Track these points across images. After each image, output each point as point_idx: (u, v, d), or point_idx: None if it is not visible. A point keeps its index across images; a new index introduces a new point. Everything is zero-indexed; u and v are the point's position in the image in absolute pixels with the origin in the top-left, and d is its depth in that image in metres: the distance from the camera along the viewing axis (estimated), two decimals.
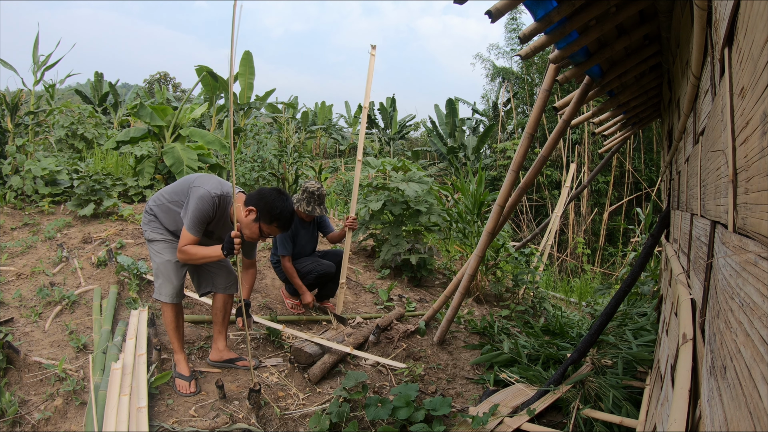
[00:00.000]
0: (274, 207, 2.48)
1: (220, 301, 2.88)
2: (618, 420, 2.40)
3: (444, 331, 3.54)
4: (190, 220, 2.46)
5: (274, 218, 2.49)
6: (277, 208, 2.48)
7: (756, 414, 0.59)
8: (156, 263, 2.65)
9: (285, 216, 2.51)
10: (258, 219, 2.50)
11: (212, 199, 2.49)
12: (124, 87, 29.67)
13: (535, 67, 13.21)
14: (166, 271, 2.63)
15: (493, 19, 1.79)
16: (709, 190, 1.35)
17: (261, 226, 2.51)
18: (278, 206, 2.48)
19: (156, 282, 2.67)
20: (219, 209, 2.55)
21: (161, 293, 2.65)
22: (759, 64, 0.70)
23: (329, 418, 2.36)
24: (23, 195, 5.20)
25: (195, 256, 2.48)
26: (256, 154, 6.98)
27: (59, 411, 2.35)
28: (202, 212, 2.46)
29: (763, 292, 0.65)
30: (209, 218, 2.52)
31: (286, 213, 2.51)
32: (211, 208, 2.49)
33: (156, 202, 2.69)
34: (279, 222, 2.50)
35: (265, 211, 2.48)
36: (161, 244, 2.66)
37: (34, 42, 8.27)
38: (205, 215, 2.48)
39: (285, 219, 2.52)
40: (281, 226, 2.53)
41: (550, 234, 6.72)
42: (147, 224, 2.69)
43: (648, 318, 3.83)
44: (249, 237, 2.56)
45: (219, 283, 2.87)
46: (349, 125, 23.10)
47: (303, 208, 3.70)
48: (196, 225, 2.47)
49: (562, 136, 3.37)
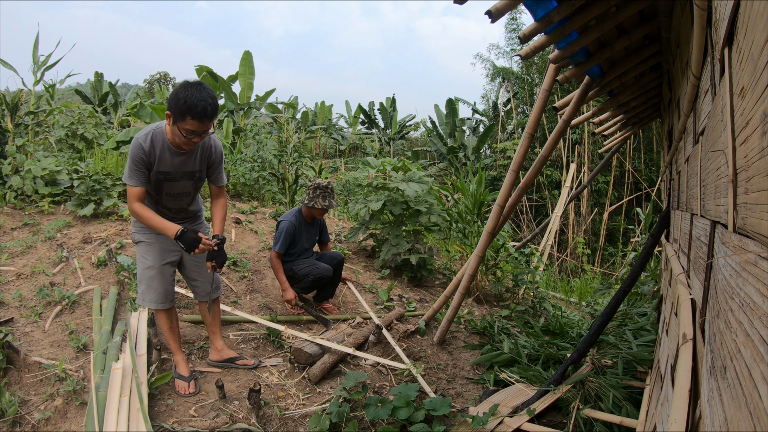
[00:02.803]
0: (178, 99, 2.16)
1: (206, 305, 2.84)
2: (618, 420, 2.40)
3: (444, 331, 3.54)
4: (126, 170, 2.33)
5: (184, 110, 2.17)
6: (180, 99, 2.16)
7: (756, 414, 0.59)
8: (139, 269, 2.57)
9: (192, 101, 2.15)
10: (174, 120, 2.22)
11: (138, 140, 2.30)
12: (124, 87, 29.65)
13: (535, 67, 13.21)
14: (148, 277, 2.55)
15: (493, 19, 1.79)
16: (709, 190, 1.35)
17: (179, 127, 2.22)
18: (182, 96, 2.16)
19: (139, 288, 2.59)
20: (154, 145, 2.33)
21: (144, 299, 2.57)
22: (759, 64, 0.70)
23: (329, 418, 2.36)
24: (23, 195, 5.20)
25: (147, 221, 2.36)
26: (256, 154, 6.98)
27: (59, 411, 2.35)
28: (133, 157, 2.29)
29: (763, 292, 0.65)
30: (143, 161, 2.31)
31: (192, 99, 2.15)
32: (141, 150, 2.29)
33: None
34: (191, 112, 2.17)
35: (174, 108, 2.18)
36: (145, 247, 2.56)
37: (34, 42, 8.27)
38: (136, 158, 2.29)
39: (194, 105, 2.16)
40: (196, 116, 2.18)
41: (550, 234, 6.73)
42: (134, 224, 2.59)
43: (648, 318, 3.83)
44: (180, 145, 2.33)
45: (200, 292, 2.79)
46: (349, 125, 23.08)
47: (319, 204, 3.71)
48: (131, 171, 2.31)
49: (562, 136, 3.37)
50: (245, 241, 4.90)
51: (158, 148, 2.35)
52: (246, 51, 11.93)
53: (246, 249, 4.67)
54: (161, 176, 2.42)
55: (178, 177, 2.47)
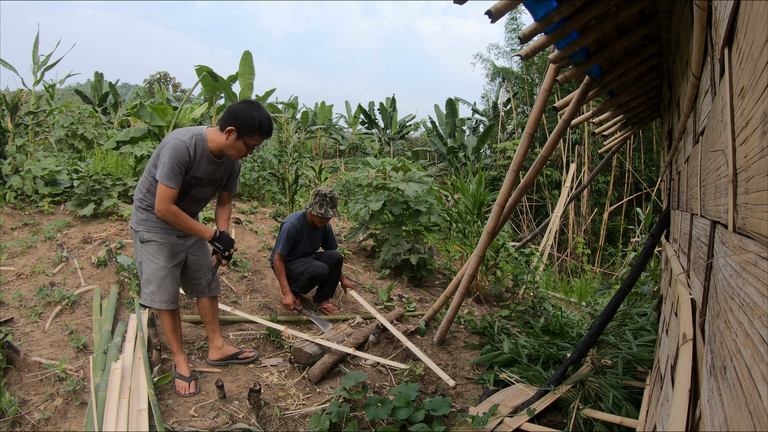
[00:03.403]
0: (251, 118, 2.46)
1: (206, 302, 2.86)
2: (618, 420, 2.40)
3: (444, 331, 3.54)
4: (163, 170, 2.36)
5: (255, 129, 2.48)
6: (254, 118, 2.47)
7: (756, 414, 0.59)
8: (149, 268, 2.55)
9: (264, 122, 2.51)
10: (240, 135, 2.49)
11: (185, 142, 2.42)
12: (124, 87, 29.64)
13: (535, 67, 13.20)
14: (160, 277, 2.55)
15: (493, 19, 1.79)
16: (709, 190, 1.35)
17: (245, 141, 2.50)
18: (255, 116, 2.48)
19: (147, 288, 2.57)
20: (196, 151, 2.47)
21: (154, 300, 2.56)
22: (759, 64, 0.70)
23: (329, 418, 2.36)
24: (23, 195, 5.20)
25: (183, 223, 2.46)
26: (256, 154, 6.98)
27: (59, 411, 2.35)
28: (177, 159, 2.38)
29: (763, 292, 0.65)
30: (186, 164, 2.43)
31: (264, 120, 2.50)
32: (186, 153, 2.41)
33: (141, 191, 2.56)
34: (260, 130, 2.50)
35: (245, 126, 2.47)
36: (156, 246, 2.55)
37: (34, 42, 8.26)
38: (182, 161, 2.40)
39: (265, 125, 2.52)
40: (264, 133, 2.53)
41: (550, 234, 6.73)
42: (143, 222, 2.55)
43: (648, 318, 3.83)
44: (236, 156, 2.57)
45: (201, 288, 2.82)
46: (349, 125, 23.08)
47: (316, 212, 3.68)
48: (173, 172, 2.38)
49: (562, 136, 3.37)
50: (245, 241, 4.90)
51: (199, 153, 2.49)
52: (246, 51, 11.93)
53: (246, 249, 4.67)
54: (194, 181, 2.54)
55: (207, 183, 2.62)
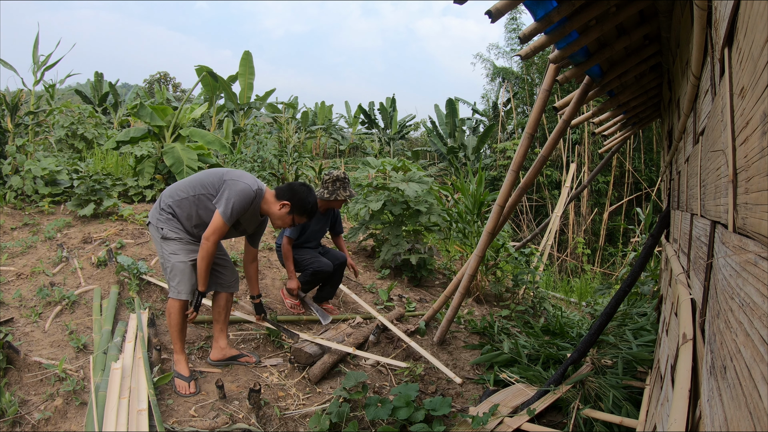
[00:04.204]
0: (307, 202, 2.81)
1: (224, 299, 2.94)
2: (618, 420, 2.40)
3: (444, 331, 3.54)
4: (227, 208, 2.61)
5: (306, 211, 2.84)
6: (309, 203, 2.82)
7: (756, 414, 0.59)
8: (171, 263, 2.68)
9: (315, 208, 2.90)
10: (291, 212, 2.81)
11: (253, 193, 2.68)
12: (124, 87, 29.62)
13: (535, 67, 13.20)
14: (182, 270, 2.68)
15: (493, 19, 1.79)
16: (709, 190, 1.35)
17: (294, 219, 2.85)
18: (310, 201, 2.82)
19: (173, 281, 2.69)
20: (255, 203, 2.74)
21: (181, 291, 2.68)
22: (759, 64, 0.70)
23: (329, 418, 2.36)
24: (23, 195, 5.20)
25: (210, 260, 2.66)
26: (256, 154, 6.98)
27: (59, 411, 2.35)
28: (242, 204, 2.64)
29: (763, 292, 0.65)
30: (245, 210, 2.69)
31: (314, 206, 2.88)
32: (250, 203, 2.69)
33: (174, 198, 2.72)
34: (309, 214, 2.87)
35: (299, 206, 2.80)
36: (177, 245, 2.68)
37: (34, 42, 8.26)
38: (245, 207, 2.67)
39: (314, 211, 2.90)
40: (310, 216, 2.90)
41: (550, 234, 6.73)
42: (165, 222, 2.70)
43: (648, 318, 3.83)
44: (279, 225, 2.89)
45: (224, 281, 2.93)
46: (349, 125, 23.08)
47: (342, 196, 3.74)
48: (233, 214, 2.63)
49: (562, 136, 3.37)
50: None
51: (254, 206, 2.76)
52: (246, 51, 11.91)
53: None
54: (236, 224, 2.77)
55: (242, 231, 2.89)
